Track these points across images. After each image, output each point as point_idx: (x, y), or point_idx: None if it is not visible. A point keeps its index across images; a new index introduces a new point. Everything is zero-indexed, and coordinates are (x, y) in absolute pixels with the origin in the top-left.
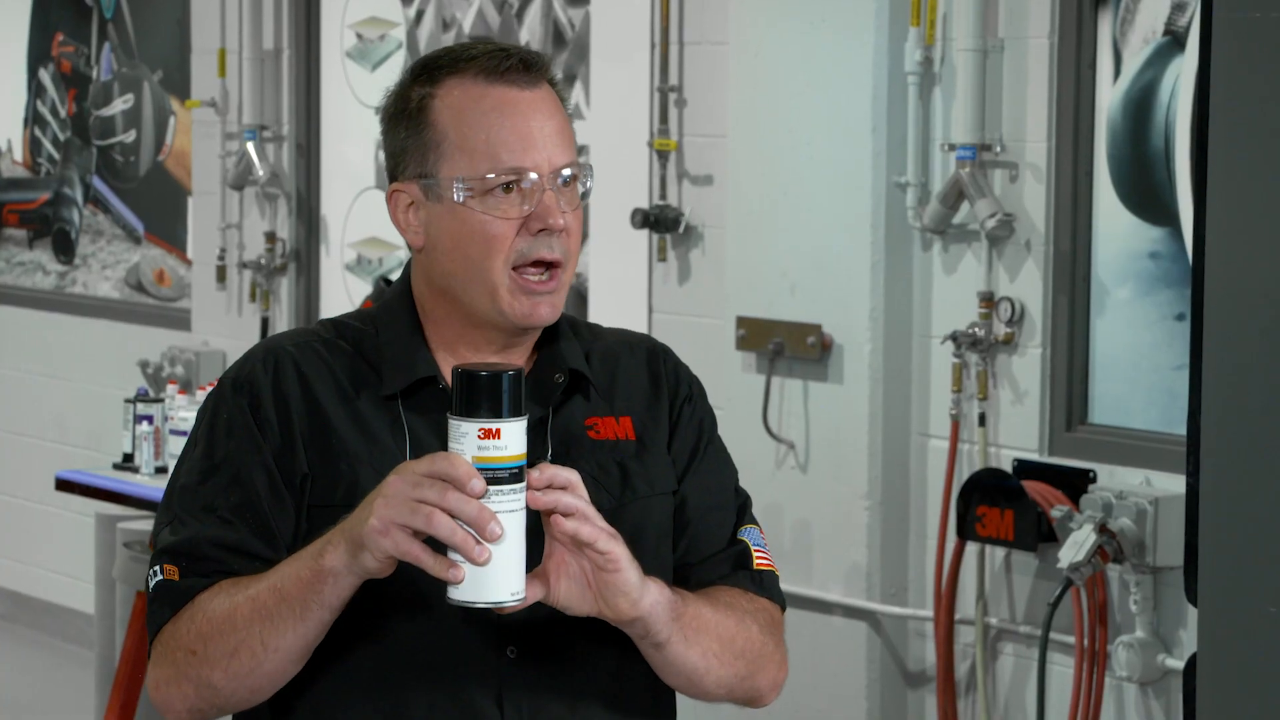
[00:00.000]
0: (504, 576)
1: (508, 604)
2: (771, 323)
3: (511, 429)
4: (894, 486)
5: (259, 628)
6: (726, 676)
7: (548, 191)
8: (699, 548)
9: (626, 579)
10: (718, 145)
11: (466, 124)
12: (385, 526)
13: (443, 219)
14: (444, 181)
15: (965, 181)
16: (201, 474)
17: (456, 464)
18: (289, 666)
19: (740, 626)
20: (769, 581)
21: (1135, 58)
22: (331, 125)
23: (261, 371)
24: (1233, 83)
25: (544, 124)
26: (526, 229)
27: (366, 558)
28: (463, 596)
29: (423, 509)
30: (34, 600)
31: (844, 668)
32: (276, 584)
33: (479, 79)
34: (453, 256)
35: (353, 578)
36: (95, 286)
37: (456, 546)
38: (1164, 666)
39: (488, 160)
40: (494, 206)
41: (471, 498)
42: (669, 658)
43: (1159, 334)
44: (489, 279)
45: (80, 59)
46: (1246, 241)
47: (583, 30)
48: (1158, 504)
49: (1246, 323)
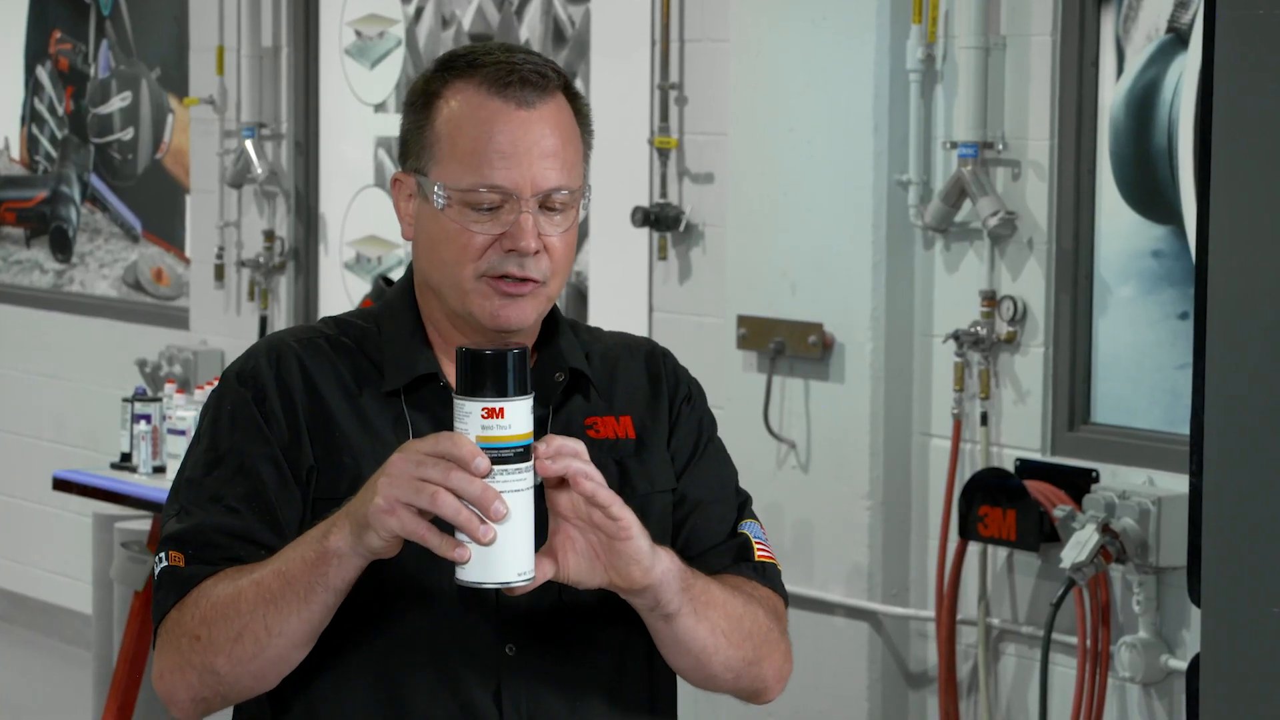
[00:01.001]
0: (511, 556)
1: (516, 584)
2: (772, 322)
3: (516, 408)
4: (895, 486)
5: (263, 611)
6: (734, 658)
7: (524, 214)
8: (699, 540)
9: (638, 546)
10: (718, 143)
11: (460, 132)
12: (391, 505)
13: (427, 218)
14: (430, 183)
15: (967, 179)
16: (207, 466)
17: (460, 443)
18: (293, 652)
19: (748, 608)
20: (771, 573)
21: (1138, 55)
22: (330, 123)
23: (266, 365)
24: (1236, 80)
25: (535, 145)
26: (499, 245)
27: (372, 537)
28: (470, 577)
29: (427, 488)
30: (31, 600)
31: (845, 668)
32: (281, 567)
33: (482, 88)
34: (430, 256)
35: (358, 559)
36: (93, 285)
37: (461, 526)
38: (1167, 667)
39: (471, 173)
40: (472, 219)
41: (476, 477)
42: (678, 632)
43: (1162, 333)
44: (460, 284)
45: (78, 56)
46: (1250, 240)
47: (583, 27)
48: (1161, 504)
49: (1250, 322)
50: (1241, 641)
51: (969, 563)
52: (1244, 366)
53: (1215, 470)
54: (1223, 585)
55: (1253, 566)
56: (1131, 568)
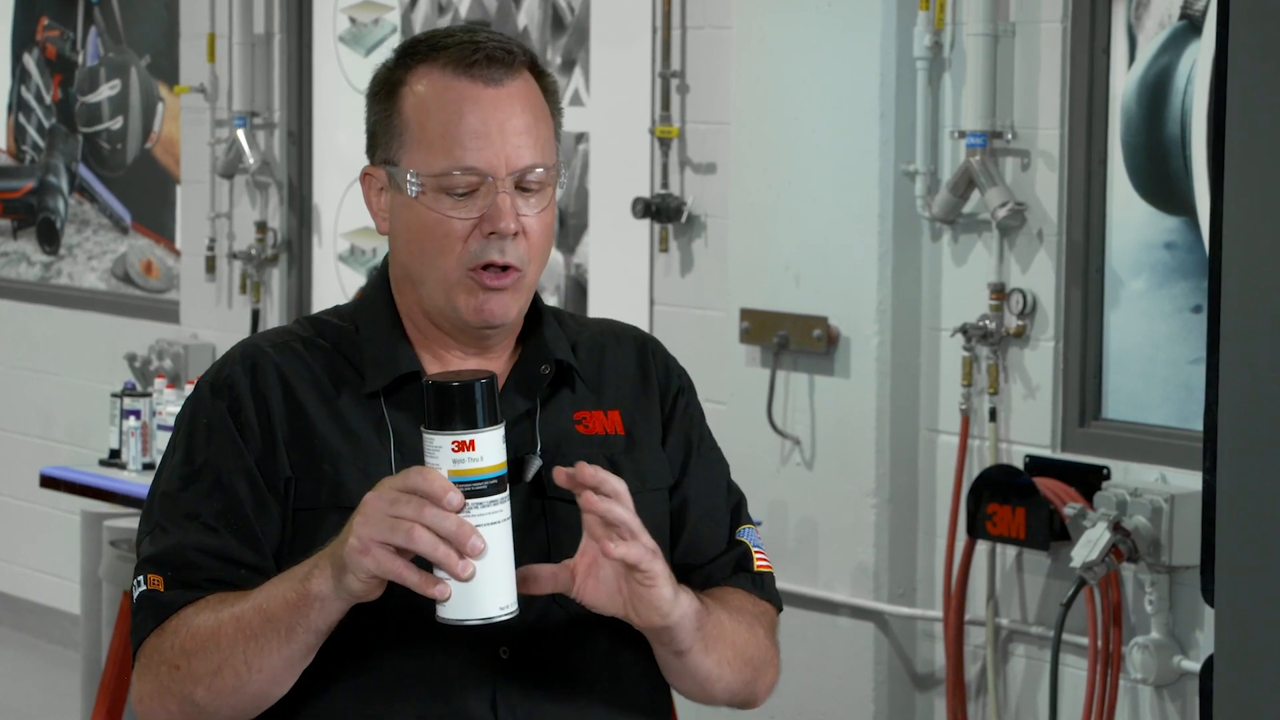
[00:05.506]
0: (492, 591)
1: (498, 618)
2: (776, 315)
3: (487, 439)
4: (902, 483)
5: (243, 647)
6: (734, 682)
7: (501, 194)
8: (701, 550)
9: (661, 595)
10: (721, 132)
11: (429, 117)
12: (365, 545)
13: (402, 209)
14: (402, 172)
15: (975, 170)
16: (182, 480)
17: (431, 479)
18: (274, 688)
19: (751, 634)
20: (769, 584)
21: (1150, 42)
22: (324, 112)
23: (241, 373)
24: (1250, 68)
25: (506, 122)
26: (479, 230)
27: (351, 580)
28: (451, 614)
29: (402, 524)
30: (18, 600)
31: (851, 670)
32: (262, 604)
33: (447, 70)
34: (410, 249)
35: (340, 602)
36: (81, 278)
37: (439, 562)
38: (1180, 668)
39: (444, 157)
40: (448, 205)
41: (449, 512)
42: (687, 665)
43: (1175, 326)
44: (444, 276)
45: (65, 44)
46: (1265, 231)
47: (582, 14)
48: (1173, 501)
49: (1265, 315)
50: (1256, 642)
51: (977, 562)
52: (1259, 361)
53: (1229, 467)
54: (1237, 585)
55: (1268, 565)
56: (1143, 567)
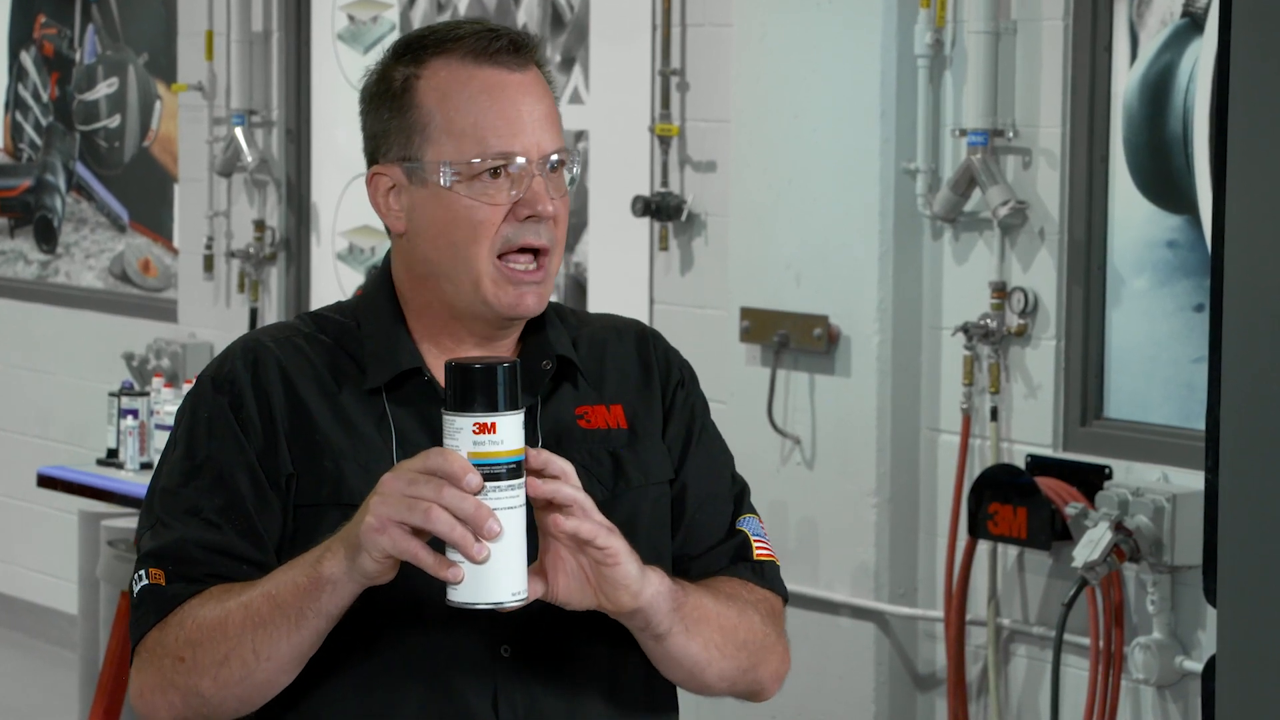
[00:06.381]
0: (504, 576)
1: (508, 604)
2: (776, 314)
3: (508, 423)
4: (903, 483)
5: (251, 635)
6: (729, 669)
7: (536, 178)
8: (698, 539)
9: (626, 572)
10: (721, 130)
11: (453, 106)
12: (382, 524)
13: (426, 204)
14: (429, 165)
15: (977, 168)
16: (183, 476)
17: (451, 459)
18: (281, 676)
19: (742, 617)
20: (770, 572)
21: (1152, 40)
22: (322, 110)
23: (242, 369)
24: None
25: (533, 108)
26: (514, 215)
27: (365, 559)
28: (462, 598)
29: (420, 504)
30: (15, 600)
31: (851, 670)
32: (271, 591)
33: (466, 60)
34: (436, 243)
35: (352, 585)
36: (78, 276)
37: (455, 543)
38: (1182, 669)
39: (475, 144)
40: (481, 192)
41: (468, 494)
42: (670, 650)
43: (1177, 325)
44: (473, 267)
45: (63, 41)
46: (1267, 229)
47: (582, 11)
48: (1175, 501)
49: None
50: (1258, 643)
51: (978, 562)
52: (1261, 360)
53: (1232, 466)
54: (1239, 585)
55: (1270, 566)
56: (1145, 567)
